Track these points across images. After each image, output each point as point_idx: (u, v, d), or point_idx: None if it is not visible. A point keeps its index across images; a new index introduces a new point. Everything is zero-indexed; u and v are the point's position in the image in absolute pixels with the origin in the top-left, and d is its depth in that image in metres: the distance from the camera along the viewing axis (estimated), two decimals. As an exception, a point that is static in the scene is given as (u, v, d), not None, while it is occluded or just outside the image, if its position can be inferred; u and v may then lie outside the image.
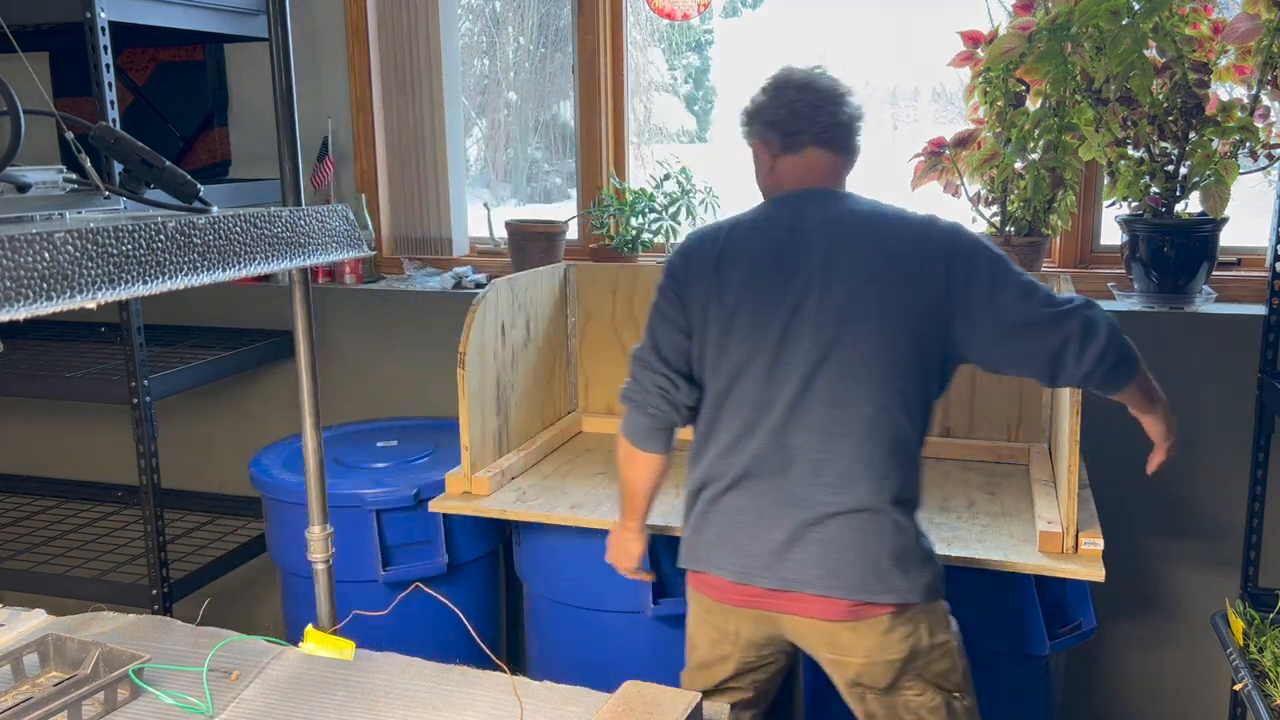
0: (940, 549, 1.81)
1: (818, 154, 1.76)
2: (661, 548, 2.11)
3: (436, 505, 2.18)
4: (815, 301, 1.65)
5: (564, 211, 3.09)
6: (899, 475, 1.65)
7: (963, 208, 2.48)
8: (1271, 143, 2.25)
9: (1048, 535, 1.87)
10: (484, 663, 1.46)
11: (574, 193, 3.00)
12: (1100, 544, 1.86)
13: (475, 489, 2.18)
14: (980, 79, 2.36)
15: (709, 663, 1.79)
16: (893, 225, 1.70)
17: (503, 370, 2.31)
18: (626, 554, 1.93)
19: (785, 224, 1.73)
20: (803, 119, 1.75)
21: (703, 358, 1.74)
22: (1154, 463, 1.86)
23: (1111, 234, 2.57)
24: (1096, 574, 1.81)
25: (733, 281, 1.71)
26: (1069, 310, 1.65)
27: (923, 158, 2.45)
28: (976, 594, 2.00)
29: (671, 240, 2.76)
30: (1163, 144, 2.28)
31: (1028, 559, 1.85)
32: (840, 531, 1.62)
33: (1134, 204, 2.38)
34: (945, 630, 1.69)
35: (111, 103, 2.22)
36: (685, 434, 1.80)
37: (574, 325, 2.70)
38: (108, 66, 2.20)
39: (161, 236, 0.98)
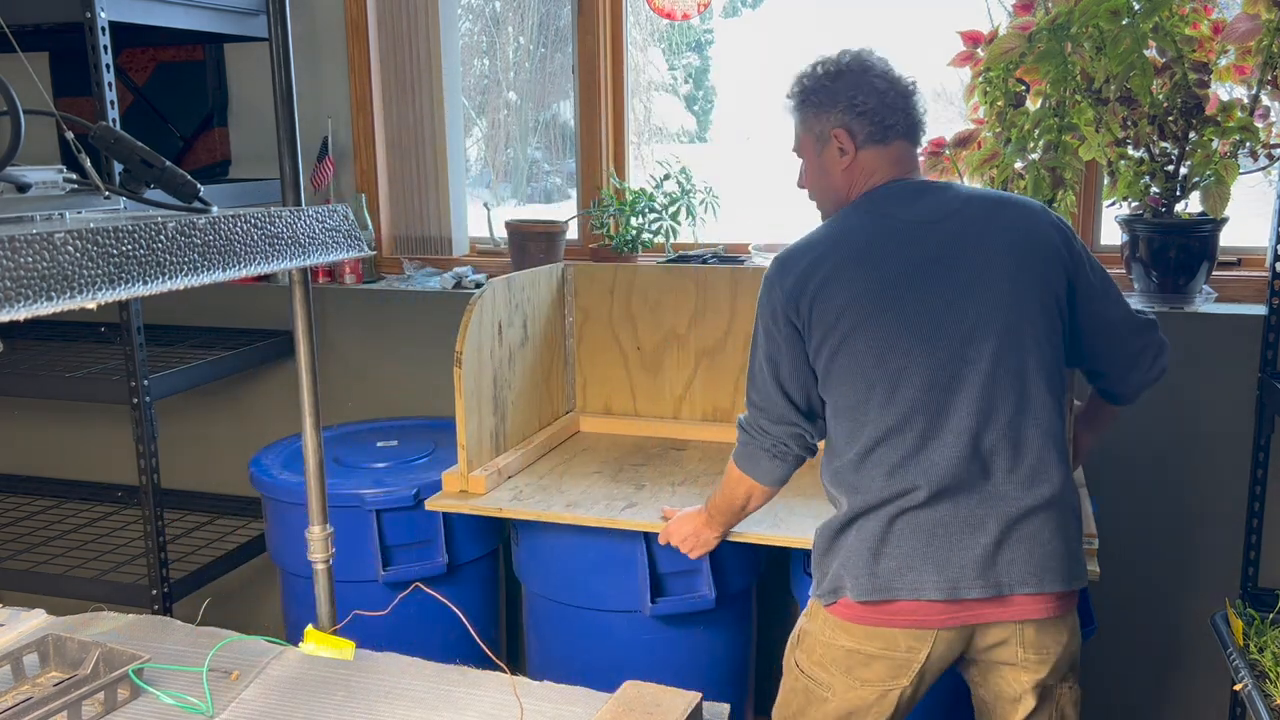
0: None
1: (904, 146, 1.73)
2: (659, 546, 2.11)
3: (433, 504, 2.19)
4: (976, 295, 1.59)
5: (564, 211, 3.09)
6: (1068, 459, 1.66)
7: (963, 208, 2.47)
8: (1271, 143, 2.25)
9: None
10: (484, 663, 1.46)
11: (574, 193, 3.00)
12: (1094, 542, 1.87)
13: (472, 488, 2.18)
14: (980, 79, 2.36)
15: (856, 710, 1.66)
16: (1012, 209, 1.69)
17: (500, 369, 2.31)
18: (703, 544, 1.96)
19: (904, 220, 1.66)
20: (895, 110, 1.70)
21: (843, 379, 1.63)
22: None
23: (1111, 234, 2.57)
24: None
25: (867, 293, 1.61)
26: (1150, 322, 1.77)
27: (923, 158, 2.45)
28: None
29: (672, 240, 2.76)
30: (1163, 144, 2.28)
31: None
32: (1043, 525, 1.58)
33: (1134, 204, 2.38)
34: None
35: (111, 103, 2.22)
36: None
37: (572, 325, 2.69)
38: (108, 66, 2.20)
39: (161, 236, 0.98)
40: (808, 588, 2.19)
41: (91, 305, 0.91)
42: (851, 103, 1.69)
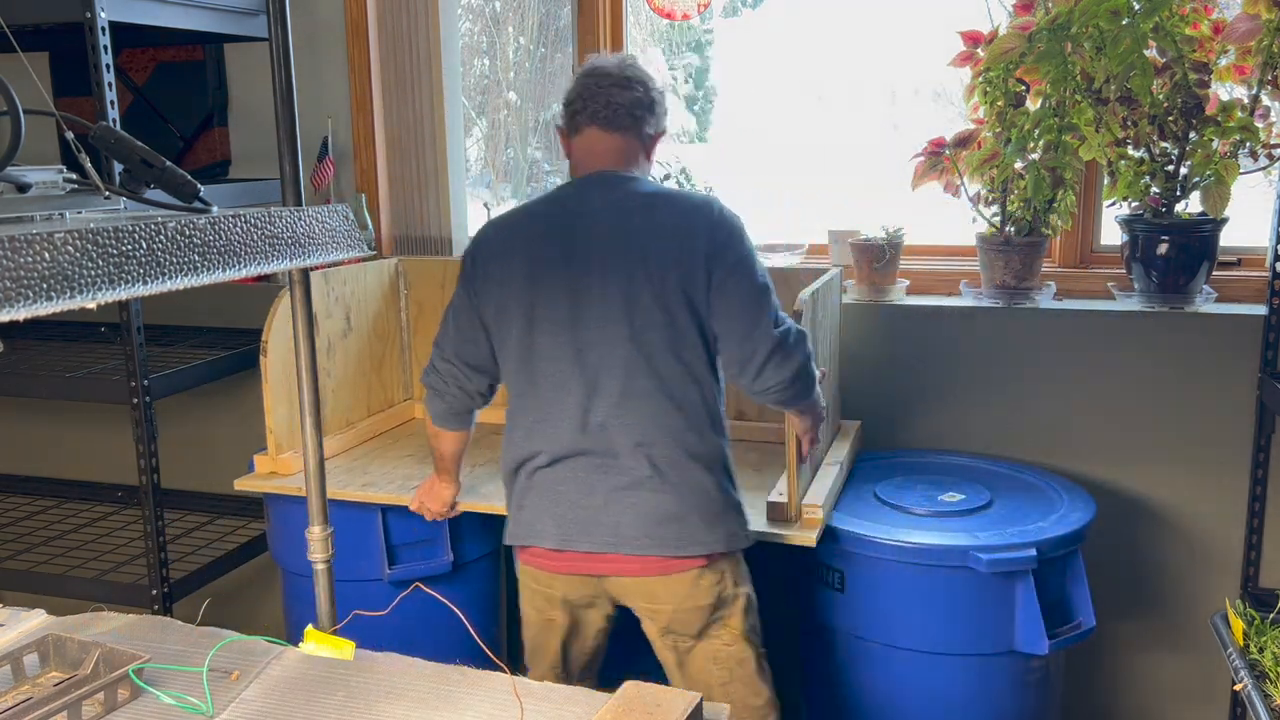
0: None
1: (596, 134, 1.89)
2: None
3: (241, 484, 2.33)
4: (599, 283, 1.79)
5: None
6: (697, 436, 1.81)
7: (963, 208, 2.48)
8: (1271, 143, 2.25)
9: (774, 504, 2.01)
10: (484, 663, 1.46)
11: (574, 193, 2.99)
12: (820, 512, 2.00)
13: (280, 469, 2.32)
14: (980, 79, 2.36)
15: (539, 630, 1.96)
16: (666, 208, 1.83)
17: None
18: (437, 498, 2.13)
19: (570, 209, 1.86)
20: (583, 99, 1.89)
21: (502, 344, 1.87)
22: (802, 452, 2.01)
23: (1111, 234, 2.57)
24: (808, 539, 1.95)
25: (521, 271, 1.84)
26: (776, 334, 1.79)
27: (923, 158, 2.45)
28: (974, 592, 2.00)
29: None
30: (1163, 144, 2.28)
31: (752, 526, 1.97)
32: (651, 495, 1.79)
33: (1134, 204, 2.38)
34: (747, 583, 1.87)
35: (111, 103, 2.22)
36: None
37: (407, 317, 2.82)
38: (108, 66, 2.20)
39: (161, 236, 0.98)
40: (808, 588, 2.19)
41: (91, 305, 0.91)
42: (564, 99, 1.93)
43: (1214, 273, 2.38)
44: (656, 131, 1.96)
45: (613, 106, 1.87)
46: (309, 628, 1.51)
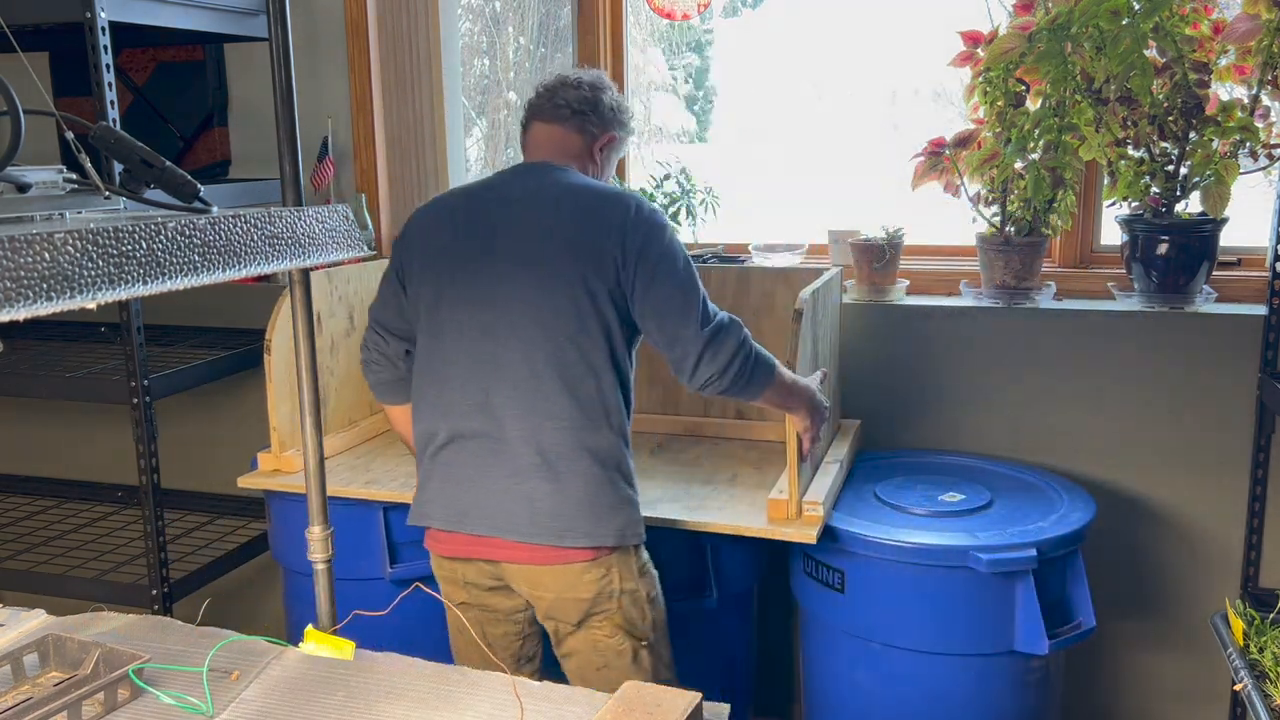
0: (678, 514, 2.04)
1: (539, 126, 1.99)
2: (659, 546, 2.11)
3: (245, 481, 2.34)
4: (509, 268, 1.82)
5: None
6: (591, 429, 1.81)
7: (963, 208, 2.48)
8: (1271, 143, 2.25)
9: (775, 503, 2.00)
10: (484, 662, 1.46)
11: (574, 193, 2.99)
12: (820, 510, 1.99)
13: (284, 466, 2.33)
14: (980, 79, 2.36)
15: (456, 629, 1.97)
16: (574, 203, 1.85)
17: (318, 358, 2.39)
18: None
19: (496, 194, 1.91)
20: (541, 98, 2.00)
21: (415, 317, 1.93)
22: (803, 450, 2.01)
23: (1111, 234, 2.57)
24: (809, 536, 1.95)
25: (440, 248, 1.89)
26: (705, 333, 1.79)
27: (923, 158, 2.45)
28: (974, 592, 2.00)
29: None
30: (1163, 144, 2.28)
31: (752, 523, 1.99)
32: (540, 484, 1.79)
33: (1134, 204, 2.38)
34: (636, 579, 1.87)
35: (111, 103, 2.22)
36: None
37: None
38: (108, 66, 2.20)
39: (161, 236, 0.98)
40: (808, 588, 2.20)
41: (91, 305, 0.91)
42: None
43: (1214, 273, 2.38)
44: (604, 133, 1.99)
45: (555, 102, 1.97)
46: (309, 628, 1.51)
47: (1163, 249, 2.32)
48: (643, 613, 1.88)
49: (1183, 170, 2.30)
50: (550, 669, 1.99)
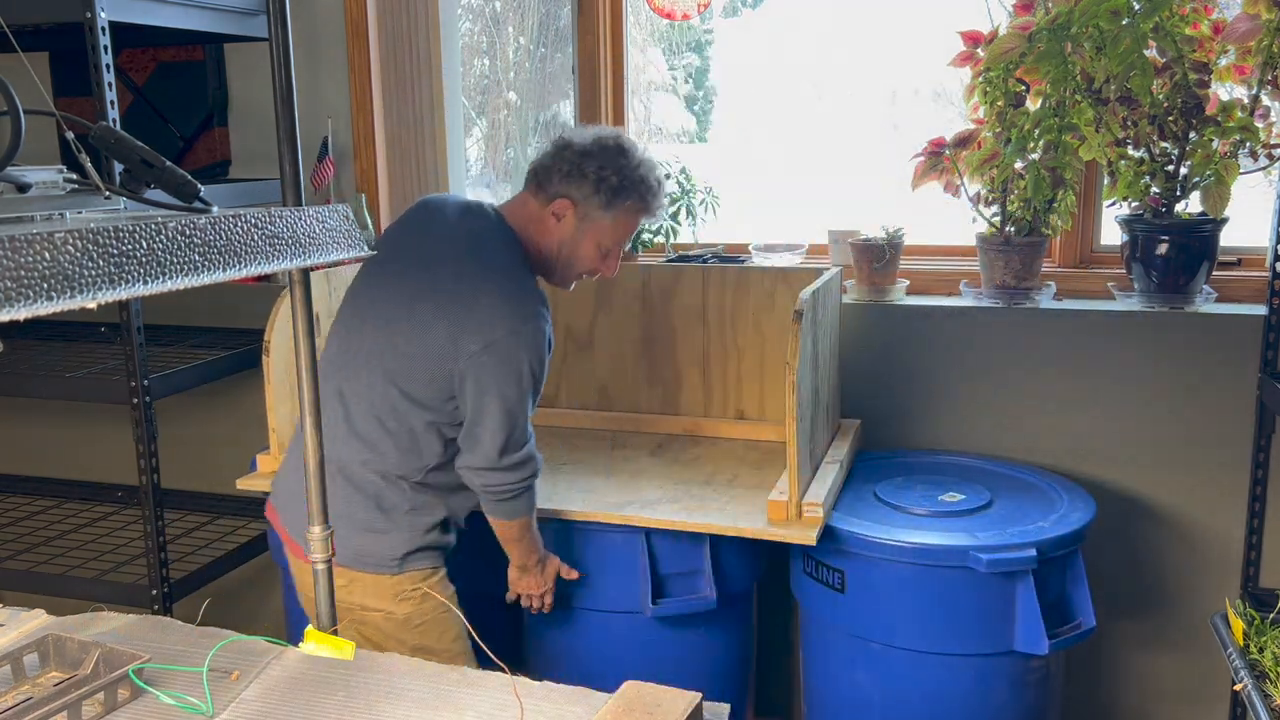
0: (678, 515, 2.06)
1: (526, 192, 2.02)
2: (658, 546, 2.11)
3: (243, 483, 2.35)
4: (358, 294, 1.98)
5: (564, 211, 3.08)
6: (378, 447, 1.88)
7: (963, 208, 2.48)
8: (1271, 143, 2.25)
9: (775, 504, 2.01)
10: (484, 663, 1.46)
11: (574, 193, 2.99)
12: (820, 511, 1.99)
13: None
14: (980, 79, 2.36)
15: None
16: (473, 283, 1.88)
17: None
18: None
19: (442, 229, 1.99)
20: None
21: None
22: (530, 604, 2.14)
23: (1111, 234, 2.57)
24: (809, 538, 1.96)
25: (390, 244, 2.02)
26: (501, 461, 1.87)
27: (923, 158, 2.45)
28: (974, 592, 2.00)
29: (672, 240, 2.76)
30: (1163, 144, 2.28)
31: (752, 524, 2.00)
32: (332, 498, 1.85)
33: (1134, 204, 2.38)
34: (395, 603, 1.91)
35: (111, 103, 2.22)
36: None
37: None
38: (108, 66, 2.20)
39: (161, 236, 0.98)
40: (808, 588, 2.20)
41: (91, 305, 0.91)
42: None
43: (1214, 273, 2.38)
44: (556, 193, 1.96)
45: (533, 163, 2.01)
46: (309, 628, 1.51)
47: (1163, 249, 2.32)
48: (403, 640, 1.92)
49: (1183, 170, 2.30)
50: (549, 670, 1.99)
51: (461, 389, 1.85)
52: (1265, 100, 2.24)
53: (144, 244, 0.96)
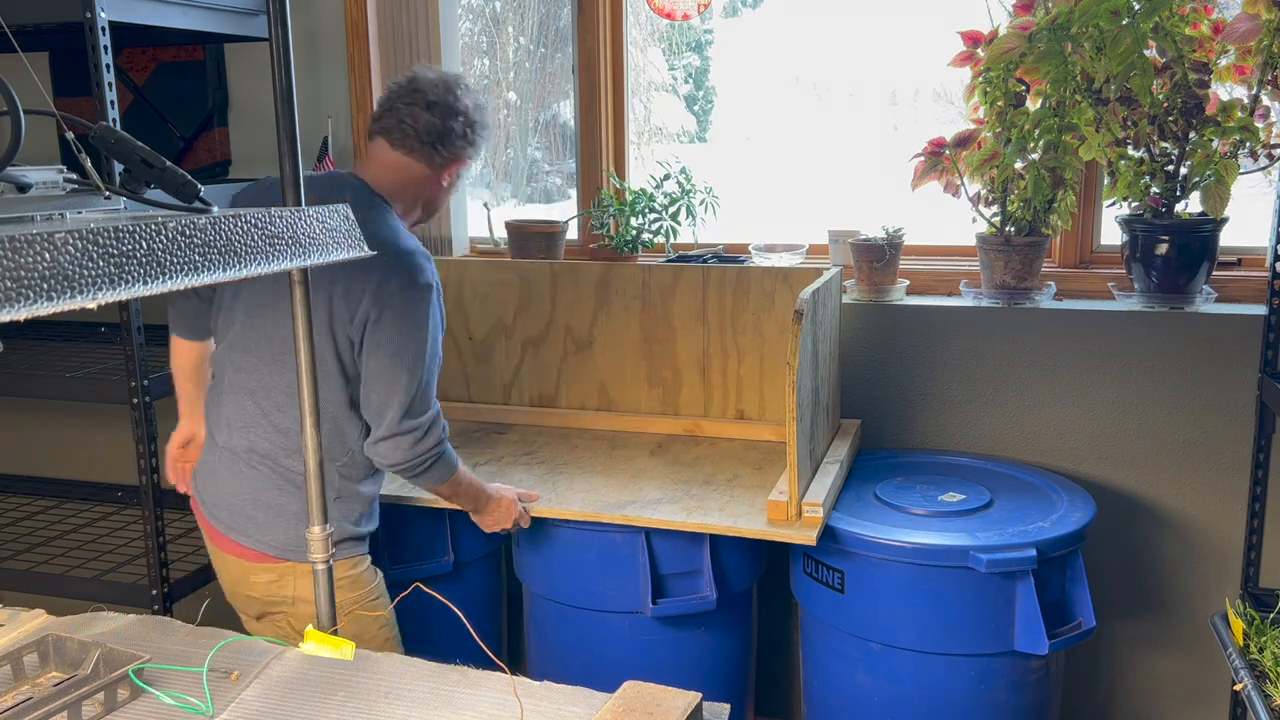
0: (678, 515, 2.06)
1: (386, 150, 1.93)
2: (658, 546, 2.11)
3: None
4: (239, 287, 1.90)
5: (564, 211, 3.08)
6: (290, 434, 1.86)
7: (963, 208, 2.48)
8: (1271, 143, 2.25)
9: (775, 504, 2.01)
10: (484, 663, 1.46)
11: (574, 193, 3.00)
12: (820, 511, 1.99)
13: None
14: (980, 79, 2.36)
15: None
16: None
17: None
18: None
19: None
20: (384, 108, 1.94)
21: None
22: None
23: (1111, 234, 2.57)
24: (809, 538, 1.96)
25: None
26: (406, 424, 1.83)
27: (923, 158, 2.45)
28: (974, 592, 2.00)
29: (672, 240, 2.76)
30: (1163, 144, 2.28)
31: (752, 524, 2.00)
32: (235, 478, 1.90)
33: (1134, 204, 2.38)
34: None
35: (111, 103, 2.22)
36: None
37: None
38: (108, 66, 2.20)
39: (161, 236, 0.98)
40: (808, 588, 2.20)
41: (91, 305, 0.91)
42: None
43: (1214, 273, 2.39)
44: (452, 162, 1.96)
45: (404, 126, 1.91)
46: (309, 628, 1.51)
47: (1163, 249, 2.32)
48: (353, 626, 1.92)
49: (1183, 170, 2.30)
50: (549, 670, 1.99)
51: (360, 353, 1.85)
52: (1265, 100, 2.24)
53: (144, 244, 0.96)
